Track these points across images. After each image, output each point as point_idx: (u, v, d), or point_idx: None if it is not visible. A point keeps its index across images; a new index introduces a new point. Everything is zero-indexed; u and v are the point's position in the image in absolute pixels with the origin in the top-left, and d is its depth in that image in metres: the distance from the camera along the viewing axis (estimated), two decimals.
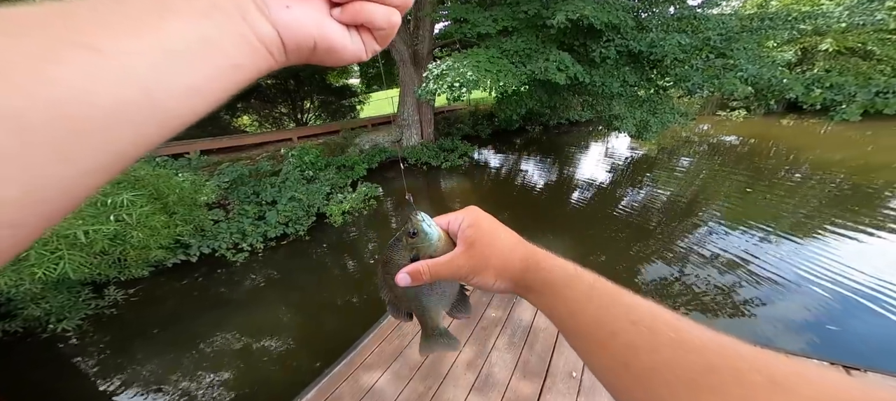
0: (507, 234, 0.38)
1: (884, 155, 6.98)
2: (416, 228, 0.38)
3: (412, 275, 0.37)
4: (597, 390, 1.78)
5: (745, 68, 6.28)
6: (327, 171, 6.99)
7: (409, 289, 0.40)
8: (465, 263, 0.36)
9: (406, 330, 2.49)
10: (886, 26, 9.38)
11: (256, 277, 4.60)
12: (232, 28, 0.19)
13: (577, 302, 0.31)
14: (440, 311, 0.43)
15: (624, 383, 0.27)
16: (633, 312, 0.28)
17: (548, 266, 0.35)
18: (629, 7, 6.39)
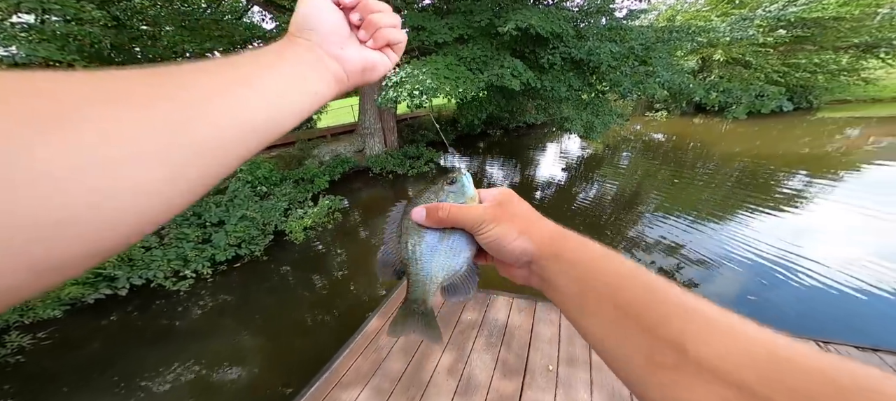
0: (536, 212, 0.36)
1: (768, 147, 8.58)
2: (456, 178, 0.37)
3: (429, 211, 0.36)
4: (572, 380, 1.89)
5: (661, 75, 7.26)
6: (283, 185, 6.54)
7: (416, 236, 0.36)
8: (488, 214, 0.34)
9: (382, 343, 2.43)
10: (757, 41, 11.49)
11: (207, 303, 4.15)
12: (316, 69, 0.31)
13: (620, 276, 0.27)
14: (437, 278, 0.37)
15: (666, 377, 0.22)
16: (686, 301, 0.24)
17: (583, 240, 0.32)
18: (570, 17, 6.98)
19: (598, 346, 0.27)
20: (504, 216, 0.34)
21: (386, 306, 2.86)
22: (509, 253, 0.33)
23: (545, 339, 2.20)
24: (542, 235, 0.33)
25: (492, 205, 0.35)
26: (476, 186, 0.39)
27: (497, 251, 0.34)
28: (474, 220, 0.35)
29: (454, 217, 0.35)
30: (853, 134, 9.33)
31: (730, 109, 11.84)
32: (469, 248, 0.37)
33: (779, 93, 11.66)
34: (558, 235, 0.33)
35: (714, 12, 13.44)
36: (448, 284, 0.37)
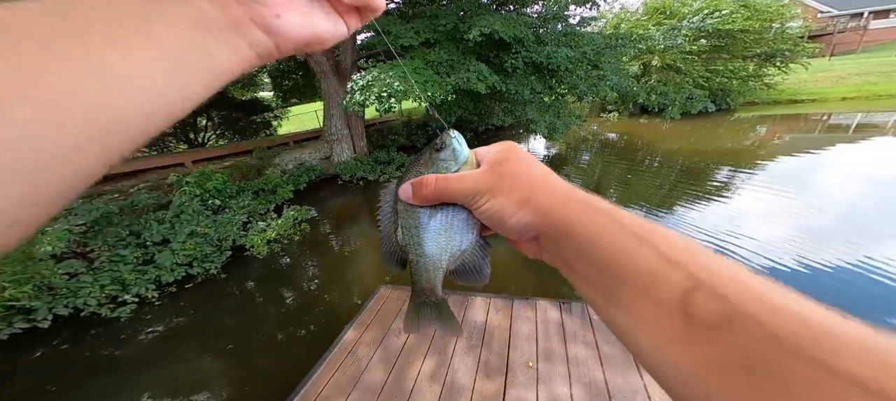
0: (546, 169, 0.30)
1: (700, 143, 9.80)
2: (444, 143, 0.32)
3: (415, 187, 0.31)
4: (552, 375, 1.99)
5: (611, 78, 7.95)
6: (240, 197, 6.05)
7: (409, 218, 0.32)
8: (482, 182, 0.29)
9: (361, 354, 2.36)
10: (685, 49, 13.09)
11: (157, 328, 3.77)
12: (225, 38, 0.21)
13: (659, 260, 0.21)
14: (442, 260, 0.32)
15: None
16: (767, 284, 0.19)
17: (604, 206, 0.26)
18: (530, 23, 7.34)
19: (635, 347, 0.22)
20: (500, 184, 0.29)
21: (362, 315, 2.78)
22: (510, 228, 0.28)
23: (523, 336, 2.30)
24: (549, 205, 0.27)
25: (486, 171, 0.30)
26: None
27: (497, 227, 0.30)
28: (465, 192, 0.29)
29: (442, 192, 0.30)
30: (762, 131, 10.99)
31: (667, 111, 13.33)
32: (472, 223, 0.31)
33: (704, 96, 13.37)
34: (570, 203, 0.26)
35: (650, 22, 14.99)
36: (455, 267, 0.33)
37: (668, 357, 0.20)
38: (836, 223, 4.60)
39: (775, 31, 13.73)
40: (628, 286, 0.22)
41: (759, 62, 14.37)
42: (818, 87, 15.05)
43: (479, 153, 0.33)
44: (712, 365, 0.18)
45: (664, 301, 0.20)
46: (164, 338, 3.68)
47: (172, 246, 4.56)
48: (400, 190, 0.32)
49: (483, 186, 0.29)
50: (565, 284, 3.82)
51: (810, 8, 25.67)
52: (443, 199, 0.31)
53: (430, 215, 0.32)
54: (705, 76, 13.81)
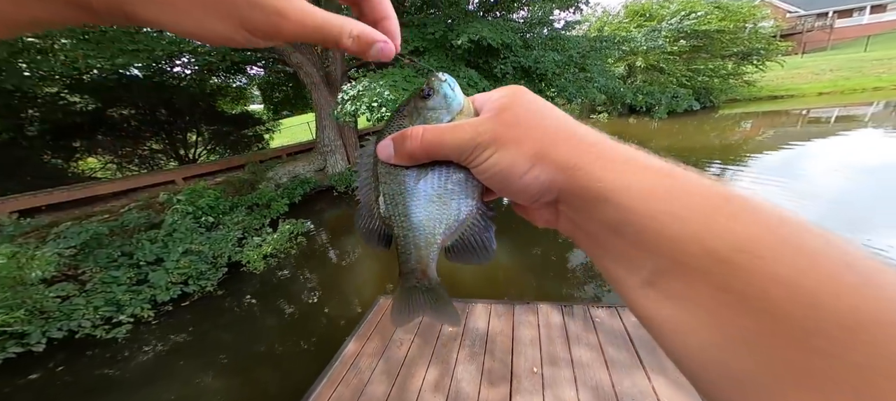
0: (566, 115, 0.24)
1: (688, 140, 10.09)
2: (433, 88, 0.26)
3: (397, 142, 0.25)
4: (557, 380, 1.98)
5: (598, 80, 8.12)
6: (234, 213, 5.99)
7: (393, 182, 0.26)
8: (484, 131, 0.23)
9: (362, 366, 2.33)
10: (666, 49, 13.49)
11: (156, 347, 3.76)
12: None
13: (728, 234, 0.16)
14: (435, 234, 0.26)
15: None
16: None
17: (643, 160, 0.21)
18: (517, 28, 7.48)
19: (688, 348, 0.17)
20: (508, 133, 0.23)
21: (362, 327, 2.74)
22: (520, 191, 0.23)
23: (526, 342, 2.29)
24: (575, 158, 0.21)
25: (488, 118, 0.24)
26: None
27: (504, 189, 0.24)
28: (462, 145, 0.23)
29: (431, 145, 0.24)
30: (747, 126, 11.32)
31: (654, 110, 13.66)
32: (471, 185, 0.26)
33: (688, 95, 13.76)
34: (604, 156, 0.21)
35: (632, 24, 15.44)
36: (452, 243, 0.27)
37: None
38: (829, 212, 4.72)
39: (749, 31, 14.29)
40: (690, 272, 0.16)
41: (736, 61, 14.88)
42: (795, 84, 15.62)
43: (477, 100, 0.27)
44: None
45: (733, 288, 0.15)
46: (162, 356, 3.65)
47: (166, 265, 4.54)
48: (379, 148, 0.26)
49: (485, 137, 0.23)
50: (566, 286, 3.88)
51: (779, 8, 26.81)
52: (433, 155, 0.24)
53: (417, 178, 0.25)
54: (688, 75, 14.22)
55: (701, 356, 0.17)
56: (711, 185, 0.18)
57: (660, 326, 0.18)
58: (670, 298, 0.17)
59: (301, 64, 7.15)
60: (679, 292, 0.17)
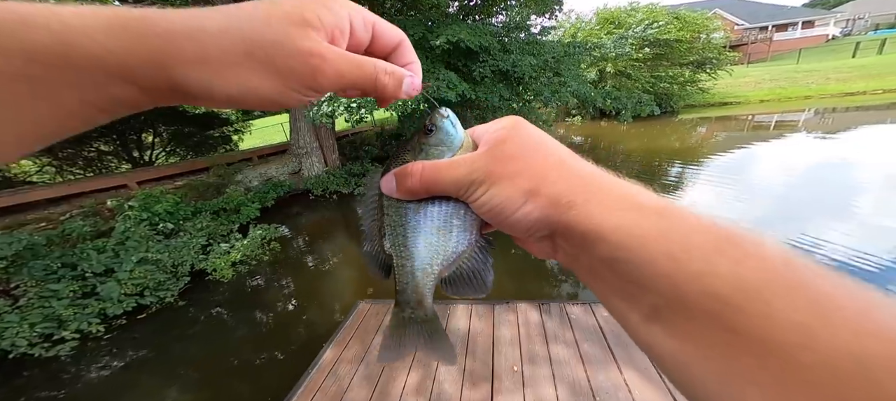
0: (563, 148, 0.25)
1: (653, 143, 10.82)
2: (435, 124, 0.27)
3: (399, 177, 0.26)
4: (537, 377, 2.03)
5: (571, 84, 8.47)
6: (197, 219, 5.61)
7: (394, 214, 0.27)
8: (479, 167, 0.24)
9: (341, 373, 2.27)
10: (633, 56, 14.38)
11: (109, 363, 3.48)
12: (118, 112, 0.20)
13: (724, 273, 0.16)
14: (433, 266, 0.27)
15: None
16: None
17: (638, 196, 0.21)
18: (495, 32, 7.61)
19: (693, 381, 0.17)
20: (502, 169, 0.23)
21: (341, 333, 2.67)
22: (514, 225, 0.23)
23: (506, 341, 2.34)
24: (568, 195, 0.21)
25: (483, 153, 0.24)
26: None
27: (500, 224, 0.25)
28: (458, 182, 0.24)
29: (430, 182, 0.25)
30: (702, 131, 12.31)
31: (621, 114, 14.49)
32: (470, 219, 0.27)
33: (650, 100, 14.66)
34: (598, 194, 0.21)
35: (603, 31, 16.27)
36: (449, 274, 0.28)
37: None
38: (772, 208, 5.24)
39: (703, 41, 15.56)
40: (692, 311, 0.17)
41: (692, 69, 16.14)
42: (741, 91, 17.21)
43: (476, 132, 0.28)
44: None
45: (756, 338, 0.15)
46: (118, 373, 3.37)
47: (118, 276, 4.17)
48: (382, 181, 0.27)
49: (479, 174, 0.24)
50: (546, 284, 4.00)
51: (728, 20, 29.47)
52: (432, 191, 0.26)
53: (417, 211, 0.26)
54: (651, 81, 15.21)
55: (706, 388, 0.17)
56: (710, 224, 0.18)
57: (663, 358, 0.19)
58: (673, 334, 0.18)
59: None
60: (682, 329, 0.17)
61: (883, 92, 14.43)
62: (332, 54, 0.21)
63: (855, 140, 8.49)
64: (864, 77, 15.89)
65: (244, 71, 0.20)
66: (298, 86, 0.21)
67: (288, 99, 0.22)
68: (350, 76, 0.22)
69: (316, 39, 0.21)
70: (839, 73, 16.93)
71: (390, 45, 0.26)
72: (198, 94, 0.20)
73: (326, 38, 0.22)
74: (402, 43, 0.26)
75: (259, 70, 0.20)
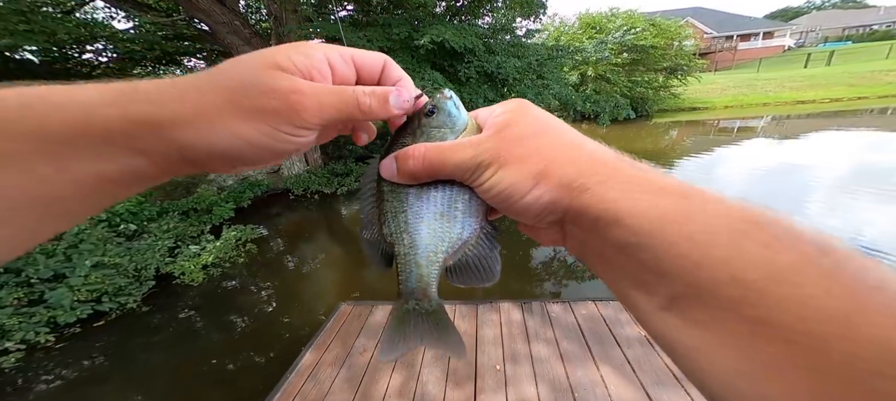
0: (573, 130, 0.24)
1: (629, 145, 11.29)
2: (437, 105, 0.26)
3: (400, 160, 0.25)
4: (519, 375, 2.06)
5: (553, 87, 8.68)
6: (163, 220, 5.29)
7: (395, 200, 0.26)
8: (485, 149, 0.23)
9: (322, 376, 2.22)
10: (612, 61, 14.94)
11: (60, 374, 3.25)
12: (139, 185, 0.22)
13: (746, 260, 0.16)
14: (437, 253, 0.26)
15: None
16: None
17: (654, 177, 0.20)
18: (480, 33, 7.65)
19: (704, 369, 0.17)
20: (510, 151, 0.22)
21: (322, 335, 2.62)
22: (523, 211, 0.22)
23: (489, 340, 2.37)
24: (580, 178, 0.21)
25: (490, 135, 0.23)
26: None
27: (506, 209, 0.24)
28: (463, 165, 0.23)
29: (433, 165, 0.24)
30: (674, 134, 12.99)
31: (600, 117, 15.00)
32: (475, 205, 0.25)
33: (626, 104, 15.32)
34: (614, 176, 0.20)
35: (584, 36, 16.75)
36: (454, 262, 0.26)
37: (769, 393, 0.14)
38: None
39: (676, 48, 16.39)
40: (716, 300, 0.16)
41: (666, 75, 16.98)
42: (708, 97, 18.31)
43: (479, 116, 0.27)
44: None
45: (765, 321, 0.14)
46: (72, 384, 3.15)
47: (70, 281, 3.84)
48: (382, 165, 0.26)
49: (486, 156, 0.23)
50: (529, 283, 4.08)
51: (698, 29, 31.24)
52: (435, 174, 0.24)
53: (419, 196, 0.25)
54: (629, 86, 15.85)
55: (729, 382, 0.16)
56: (738, 207, 0.17)
57: (680, 349, 0.18)
58: (693, 325, 0.17)
59: None
60: (703, 319, 0.16)
61: (830, 100, 15.84)
62: (311, 88, 0.22)
63: (805, 145, 9.28)
64: (813, 86, 17.36)
65: (233, 120, 0.20)
66: (285, 126, 0.21)
67: (280, 142, 0.22)
68: (331, 105, 0.22)
69: (291, 78, 0.21)
70: (793, 81, 18.39)
71: (375, 70, 0.26)
72: (201, 155, 0.21)
73: (303, 77, 0.22)
74: (386, 64, 0.26)
75: (245, 116, 0.21)
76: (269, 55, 0.22)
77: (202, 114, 0.20)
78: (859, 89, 16.29)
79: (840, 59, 23.72)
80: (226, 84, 0.21)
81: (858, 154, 8.04)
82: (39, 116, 0.18)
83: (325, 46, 0.24)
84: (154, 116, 0.19)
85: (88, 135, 0.18)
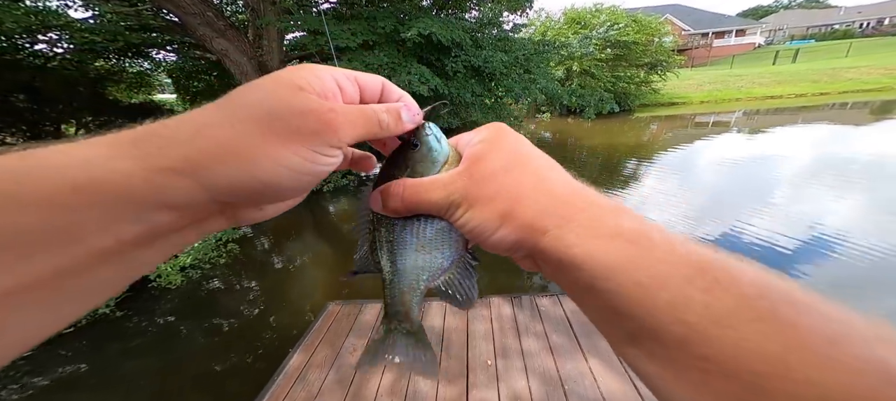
0: (543, 162, 0.25)
1: (613, 138, 11.55)
2: (419, 140, 0.27)
3: (383, 196, 0.26)
4: (510, 370, 2.09)
5: (540, 82, 8.74)
6: None
7: (383, 228, 0.28)
8: (456, 189, 0.24)
9: (311, 378, 2.19)
10: (596, 56, 15.23)
11: (30, 382, 3.14)
12: (169, 241, 0.20)
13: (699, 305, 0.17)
14: (419, 282, 0.28)
15: None
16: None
17: (629, 217, 0.21)
18: (467, 27, 7.57)
19: (666, 398, 0.18)
20: (478, 191, 0.23)
21: (310, 336, 2.56)
22: (493, 247, 0.23)
23: (480, 335, 2.39)
24: (540, 220, 0.21)
25: (461, 172, 0.24)
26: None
27: (481, 244, 0.25)
28: (437, 205, 0.24)
29: (411, 202, 0.25)
30: (654, 128, 13.40)
31: (585, 111, 15.30)
32: (454, 236, 0.27)
33: (610, 99, 15.69)
34: (572, 217, 0.21)
35: (570, 31, 16.94)
36: (434, 286, 0.29)
37: None
38: (712, 200, 5.86)
39: (656, 44, 16.85)
40: (667, 339, 0.17)
41: (646, 70, 17.46)
42: (686, 93, 18.99)
43: (460, 142, 0.28)
44: None
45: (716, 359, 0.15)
46: (43, 392, 3.02)
47: None
48: (370, 198, 0.28)
49: (456, 196, 0.24)
50: (518, 277, 4.14)
51: (677, 26, 32.21)
52: (414, 211, 0.26)
53: (404, 228, 0.27)
54: (612, 81, 16.20)
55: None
56: (683, 252, 0.18)
57: (644, 377, 0.19)
58: (653, 358, 0.18)
59: (227, 51, 6.13)
60: (660, 354, 0.18)
61: (795, 96, 16.77)
62: (341, 107, 0.22)
63: (773, 138, 9.81)
64: (781, 83, 18.31)
65: (272, 147, 0.19)
66: (324, 147, 0.21)
67: (320, 164, 0.22)
68: (360, 123, 0.23)
69: (320, 100, 0.21)
70: (762, 78, 19.33)
71: (376, 91, 0.27)
72: (240, 193, 0.19)
73: (321, 99, 0.22)
74: (385, 85, 0.27)
75: (285, 142, 0.20)
76: (287, 78, 0.21)
77: (237, 146, 0.19)
78: (822, 86, 17.32)
79: (805, 57, 25.11)
80: (252, 112, 0.20)
81: (821, 146, 8.58)
82: (47, 182, 0.15)
83: (330, 69, 0.24)
84: (182, 162, 0.17)
85: (108, 199, 0.16)
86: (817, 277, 3.58)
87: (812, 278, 3.57)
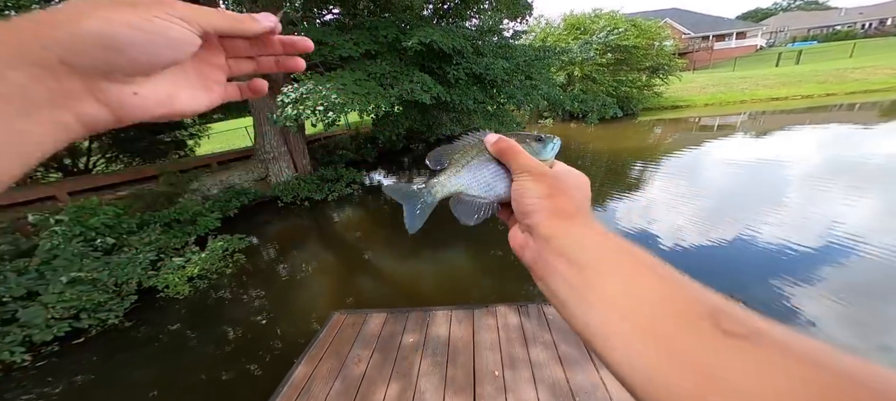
0: (588, 212, 0.32)
1: (617, 143, 11.48)
2: (545, 138, 0.38)
3: (499, 139, 0.36)
4: (518, 381, 2.05)
5: (542, 88, 8.76)
6: (145, 232, 5.11)
7: (472, 150, 0.38)
8: (539, 169, 0.32)
9: (315, 389, 2.17)
10: (597, 61, 15.26)
11: (42, 392, 3.17)
12: (44, 116, 0.20)
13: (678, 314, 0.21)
14: (465, 189, 0.38)
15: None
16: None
17: (615, 250, 0.26)
18: (468, 35, 7.67)
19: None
20: (546, 180, 0.31)
21: (314, 347, 2.54)
22: (522, 209, 0.32)
23: (487, 346, 2.35)
24: (563, 217, 0.29)
25: (548, 168, 0.33)
26: None
27: (515, 203, 0.33)
28: (520, 164, 0.33)
29: (512, 152, 0.34)
30: (658, 131, 13.32)
31: (588, 116, 15.27)
32: (503, 186, 0.36)
33: (613, 103, 15.65)
34: (587, 236, 0.27)
35: (570, 37, 17.04)
36: (465, 197, 0.38)
37: None
38: (721, 203, 5.77)
39: (657, 48, 16.86)
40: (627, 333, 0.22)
41: (648, 74, 17.44)
42: (689, 96, 18.90)
43: (557, 165, 0.37)
44: None
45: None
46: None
47: (44, 299, 3.68)
48: (488, 135, 0.37)
49: (535, 171, 0.32)
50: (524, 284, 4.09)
51: (676, 29, 32.26)
52: (509, 157, 0.34)
53: (488, 160, 0.37)
54: (614, 85, 16.20)
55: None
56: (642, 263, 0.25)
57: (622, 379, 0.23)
58: (629, 358, 0.22)
59: None
60: (633, 352, 0.22)
61: (801, 97, 16.60)
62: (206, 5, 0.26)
63: (782, 139, 9.68)
64: (785, 84, 18.16)
65: (106, 11, 0.20)
66: (159, 11, 0.22)
67: (156, 25, 0.22)
68: (214, 13, 0.25)
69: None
70: (766, 80, 19.19)
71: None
72: (88, 50, 0.20)
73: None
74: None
75: (116, 8, 0.21)
76: None
77: (75, 14, 0.20)
78: (828, 86, 17.14)
79: (808, 58, 24.93)
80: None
81: (832, 147, 8.44)
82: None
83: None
84: (33, 19, 0.19)
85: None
86: (834, 278, 3.50)
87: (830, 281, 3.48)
